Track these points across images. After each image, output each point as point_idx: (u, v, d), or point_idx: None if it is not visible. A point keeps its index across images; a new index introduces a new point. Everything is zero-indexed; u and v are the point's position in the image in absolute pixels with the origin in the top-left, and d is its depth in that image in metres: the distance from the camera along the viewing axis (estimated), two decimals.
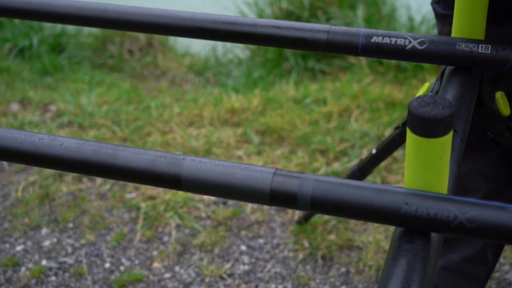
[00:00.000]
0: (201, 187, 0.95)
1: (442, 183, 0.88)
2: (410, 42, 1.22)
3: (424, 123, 0.81)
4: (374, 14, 3.64)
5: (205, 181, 0.94)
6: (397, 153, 2.60)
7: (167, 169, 0.96)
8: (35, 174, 2.65)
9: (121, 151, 0.98)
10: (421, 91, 1.32)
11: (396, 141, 1.68)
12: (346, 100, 3.00)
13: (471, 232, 0.84)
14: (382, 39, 1.23)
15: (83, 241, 2.31)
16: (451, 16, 1.27)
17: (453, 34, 1.27)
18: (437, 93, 1.23)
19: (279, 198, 0.91)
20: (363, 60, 3.33)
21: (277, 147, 2.74)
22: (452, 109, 0.81)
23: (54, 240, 2.33)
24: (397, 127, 1.66)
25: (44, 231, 2.37)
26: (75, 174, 2.62)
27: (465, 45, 1.19)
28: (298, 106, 3.05)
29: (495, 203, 0.85)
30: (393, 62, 3.27)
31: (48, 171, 2.63)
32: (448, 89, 1.18)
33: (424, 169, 0.87)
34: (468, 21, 1.23)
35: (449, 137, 0.83)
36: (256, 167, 0.93)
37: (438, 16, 1.49)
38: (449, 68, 1.24)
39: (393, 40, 1.22)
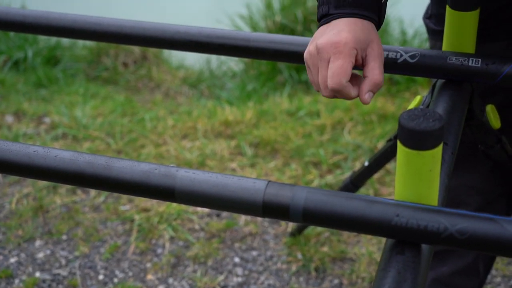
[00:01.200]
0: (194, 199, 0.96)
1: (432, 195, 0.89)
2: (401, 55, 1.23)
3: (414, 136, 0.82)
4: None
5: (198, 193, 0.95)
6: (389, 166, 2.61)
7: (160, 181, 0.97)
8: (29, 186, 2.65)
9: (115, 163, 0.99)
10: (412, 104, 1.33)
11: (389, 154, 1.69)
12: (339, 113, 3.02)
13: (461, 244, 0.85)
14: None
15: (77, 253, 2.32)
16: (443, 31, 1.29)
17: (444, 48, 1.28)
18: (428, 106, 1.24)
19: (272, 209, 0.92)
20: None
21: (270, 159, 2.75)
22: (442, 122, 0.82)
23: (48, 252, 2.33)
24: (389, 140, 1.68)
25: (38, 243, 2.38)
26: (69, 186, 2.63)
27: (455, 58, 1.21)
28: (291, 118, 3.06)
29: (485, 214, 0.86)
30: (386, 75, 3.29)
31: (42, 184, 2.64)
32: (439, 102, 1.19)
33: (414, 181, 0.88)
34: (459, 36, 1.25)
35: (439, 149, 0.84)
36: (249, 179, 0.94)
37: (430, 31, 1.50)
38: (440, 82, 1.25)
39: (385, 53, 1.24)
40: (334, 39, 1.05)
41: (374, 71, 1.08)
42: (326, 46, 1.05)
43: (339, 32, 1.05)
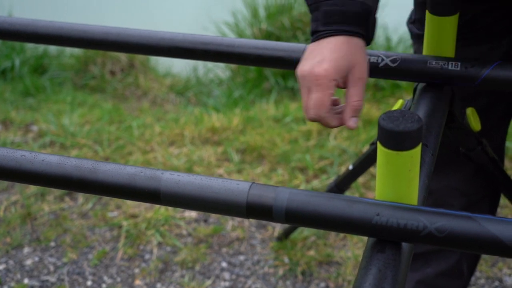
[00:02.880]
0: (179, 201, 0.98)
1: (412, 195, 0.91)
2: (383, 60, 1.25)
3: (393, 137, 0.84)
4: None
5: (183, 195, 0.97)
6: (375, 170, 2.63)
7: (146, 183, 0.98)
8: (16, 194, 2.66)
9: (101, 167, 1.00)
10: (395, 108, 1.36)
11: (372, 157, 1.72)
12: None
13: (440, 242, 0.87)
14: None
15: (65, 260, 2.33)
16: None
17: (424, 52, 1.31)
18: (409, 109, 1.26)
19: (255, 210, 0.94)
20: None
21: (257, 165, 2.77)
22: (420, 123, 0.84)
23: (36, 259, 2.34)
24: (373, 143, 1.70)
25: (26, 250, 2.38)
26: (57, 194, 2.64)
27: (435, 62, 1.23)
28: (278, 124, 3.09)
29: (463, 213, 0.88)
30: (371, 81, 3.32)
31: (29, 191, 2.65)
32: (419, 105, 1.21)
33: (394, 181, 0.90)
34: (438, 40, 1.27)
35: (418, 150, 0.87)
36: (233, 181, 0.96)
37: (413, 36, 1.53)
38: (421, 85, 1.27)
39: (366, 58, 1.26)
40: (315, 71, 1.07)
41: (354, 97, 1.10)
42: (307, 77, 1.08)
43: (321, 62, 1.07)
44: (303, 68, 1.10)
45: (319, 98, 1.07)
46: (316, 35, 1.13)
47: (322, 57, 1.08)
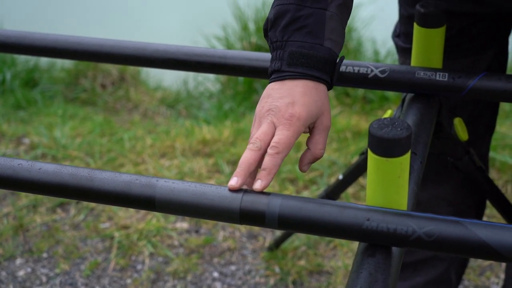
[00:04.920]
0: (174, 208, 1.00)
1: (401, 201, 0.94)
2: (372, 71, 1.28)
3: (383, 144, 0.87)
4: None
5: (178, 202, 0.99)
6: (364, 181, 2.66)
7: (141, 191, 1.01)
8: (9, 205, 2.67)
9: (97, 175, 1.02)
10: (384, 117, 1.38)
11: (362, 167, 1.74)
12: None
13: (429, 246, 0.90)
14: (346, 68, 1.29)
15: (57, 271, 2.34)
16: (411, 49, 1.34)
17: (412, 64, 1.34)
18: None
19: (249, 216, 0.96)
20: (331, 92, 3.40)
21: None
22: (409, 131, 0.87)
23: (29, 270, 2.35)
24: (362, 153, 1.73)
25: (19, 261, 2.40)
26: (49, 205, 2.65)
27: (423, 73, 1.26)
28: None
29: (452, 218, 0.91)
30: (360, 93, 3.35)
31: (22, 203, 2.66)
32: (408, 115, 1.24)
33: (384, 187, 0.92)
34: (426, 51, 1.30)
35: (407, 157, 0.89)
36: (227, 187, 0.99)
37: (399, 49, 1.56)
38: (409, 95, 1.30)
39: (356, 69, 1.29)
40: (290, 111, 1.03)
41: (318, 146, 1.08)
42: (281, 114, 1.03)
43: (294, 104, 1.03)
44: (273, 103, 1.05)
45: (288, 137, 1.01)
46: (279, 75, 1.08)
47: (292, 99, 1.04)
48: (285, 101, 1.04)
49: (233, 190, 0.97)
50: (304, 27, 1.07)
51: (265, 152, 1.02)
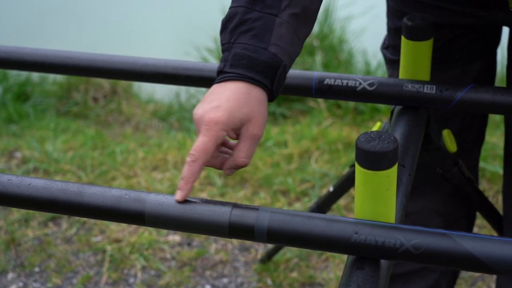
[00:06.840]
0: (163, 223, 1.00)
1: (389, 213, 0.94)
2: (360, 83, 1.29)
3: (370, 157, 0.88)
4: (332, 60, 3.73)
5: (168, 216, 1.00)
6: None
7: (131, 205, 1.01)
8: (0, 220, 2.67)
9: (87, 190, 1.03)
10: (373, 130, 1.39)
11: (352, 179, 1.75)
12: (306, 142, 3.07)
13: (416, 258, 0.90)
14: (334, 81, 1.30)
15: (49, 285, 2.33)
16: (399, 61, 1.35)
17: (400, 76, 1.35)
18: (387, 131, 1.29)
19: (238, 230, 0.97)
20: (322, 104, 3.42)
21: (240, 188, 2.80)
22: (395, 144, 0.87)
23: (21, 284, 2.35)
24: (352, 165, 1.74)
25: (11, 275, 2.39)
26: (40, 219, 2.65)
27: (411, 85, 1.27)
28: (260, 148, 3.11)
29: (439, 230, 0.91)
30: (351, 105, 3.36)
31: (13, 217, 2.65)
32: (396, 127, 1.25)
33: (372, 200, 0.93)
34: (414, 64, 1.31)
35: (394, 169, 0.90)
36: (216, 201, 0.99)
37: (387, 61, 1.57)
38: (397, 108, 1.31)
39: (345, 82, 1.29)
40: (209, 116, 1.02)
41: (239, 153, 1.05)
42: (198, 120, 1.03)
43: (217, 108, 1.02)
44: (197, 111, 1.04)
45: (204, 143, 1.01)
46: (221, 76, 1.07)
47: (218, 103, 1.03)
48: (212, 105, 1.03)
49: (223, 203, 0.98)
50: (250, 29, 1.07)
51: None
